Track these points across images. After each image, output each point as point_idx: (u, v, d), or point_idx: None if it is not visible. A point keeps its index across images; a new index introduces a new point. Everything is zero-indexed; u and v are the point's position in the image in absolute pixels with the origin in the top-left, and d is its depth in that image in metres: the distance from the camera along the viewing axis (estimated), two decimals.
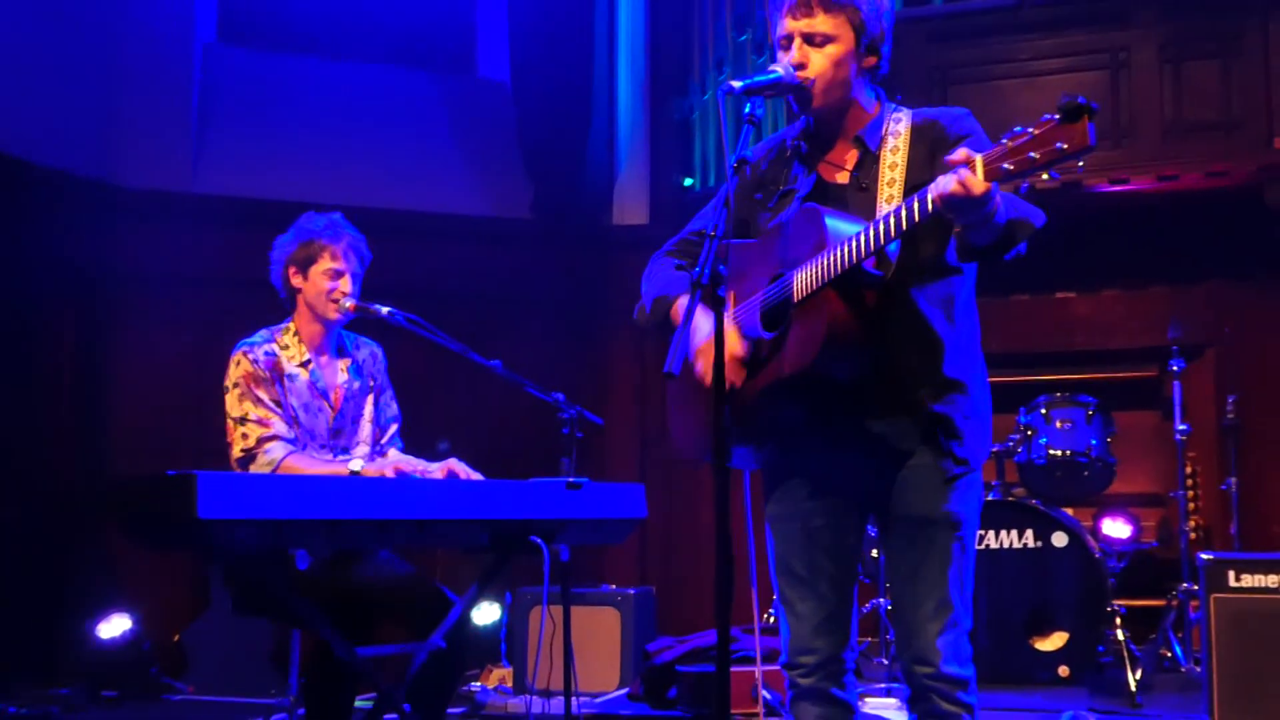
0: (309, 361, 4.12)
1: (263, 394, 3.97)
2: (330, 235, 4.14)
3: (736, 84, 2.77)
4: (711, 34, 7.93)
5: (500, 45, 8.49)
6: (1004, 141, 2.44)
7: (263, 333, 4.12)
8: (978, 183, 2.43)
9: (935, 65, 7.39)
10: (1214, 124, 7.07)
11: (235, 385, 3.99)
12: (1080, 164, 2.41)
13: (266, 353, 4.05)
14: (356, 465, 3.95)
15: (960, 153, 2.47)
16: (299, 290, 4.14)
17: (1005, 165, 2.43)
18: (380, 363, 4.35)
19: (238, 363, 4.02)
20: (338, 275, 4.11)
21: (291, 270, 4.13)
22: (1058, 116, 2.37)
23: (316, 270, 4.10)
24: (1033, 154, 2.40)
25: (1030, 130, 2.41)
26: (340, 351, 4.23)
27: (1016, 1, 7.37)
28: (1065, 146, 2.36)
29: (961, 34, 7.46)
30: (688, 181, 7.99)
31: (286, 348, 4.10)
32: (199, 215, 7.62)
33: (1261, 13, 6.99)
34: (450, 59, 8.61)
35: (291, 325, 4.16)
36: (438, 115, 8.40)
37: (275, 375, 4.02)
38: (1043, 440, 5.97)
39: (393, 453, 4.28)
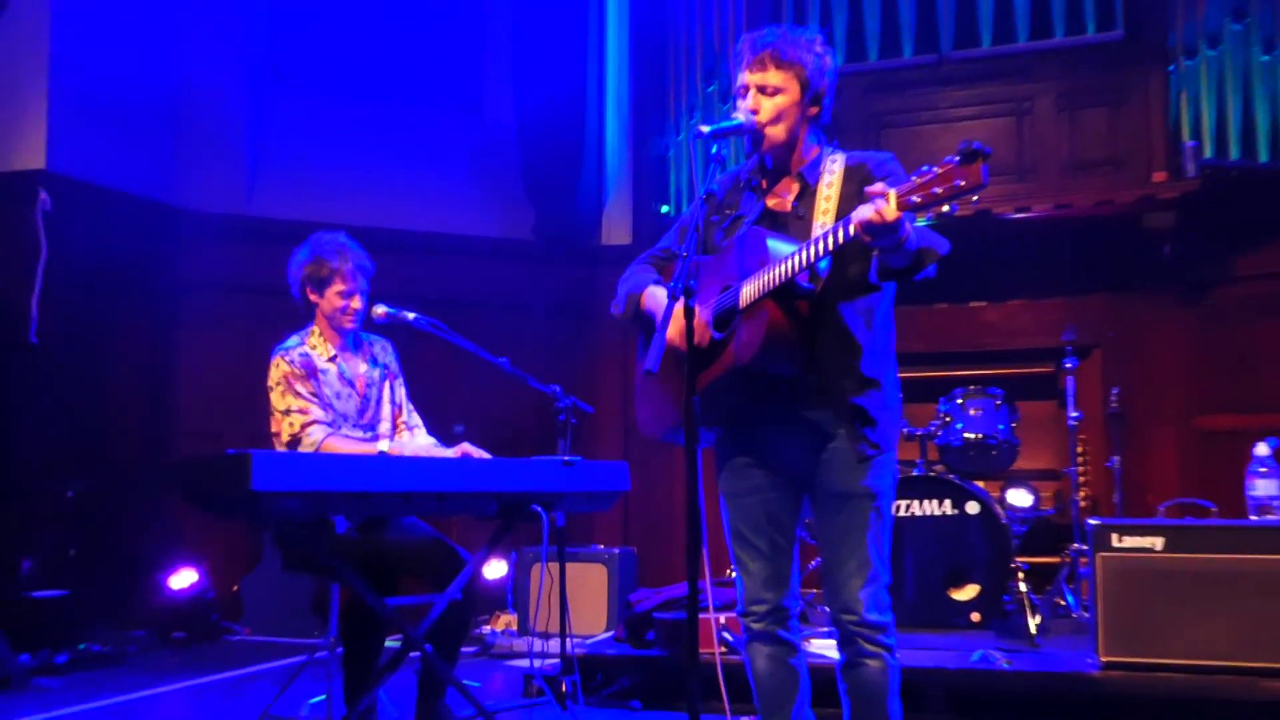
0: (335, 357, 4.16)
1: (301, 388, 3.99)
2: (338, 258, 4.14)
3: (705, 128, 2.80)
4: (685, 85, 7.94)
5: (506, 92, 8.48)
6: (913, 179, 2.48)
7: (294, 338, 4.15)
8: (891, 211, 2.48)
9: (871, 112, 7.42)
10: (1102, 162, 7.12)
11: (277, 384, 4.02)
12: (976, 199, 2.44)
13: (301, 354, 4.07)
14: (384, 445, 3.97)
15: (878, 186, 2.52)
16: (316, 304, 4.16)
17: (913, 198, 2.47)
18: (391, 353, 4.38)
19: (276, 365, 4.04)
20: (349, 295, 4.14)
21: (308, 289, 4.15)
22: (957, 159, 2.41)
23: (330, 292, 4.13)
24: (936, 190, 2.44)
25: (935, 170, 2.45)
26: (357, 347, 4.26)
27: (937, 59, 7.40)
28: (963, 184, 2.40)
29: (892, 86, 7.48)
30: (665, 208, 8.00)
31: (315, 347, 4.14)
32: (252, 235, 7.61)
33: (1142, 70, 7.03)
34: (464, 103, 8.60)
35: (315, 329, 4.19)
36: (454, 151, 8.40)
37: (310, 371, 4.05)
38: (959, 425, 6.00)
39: (422, 434, 4.30)
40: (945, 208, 2.45)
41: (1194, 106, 6.81)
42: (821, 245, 2.64)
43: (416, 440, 4.26)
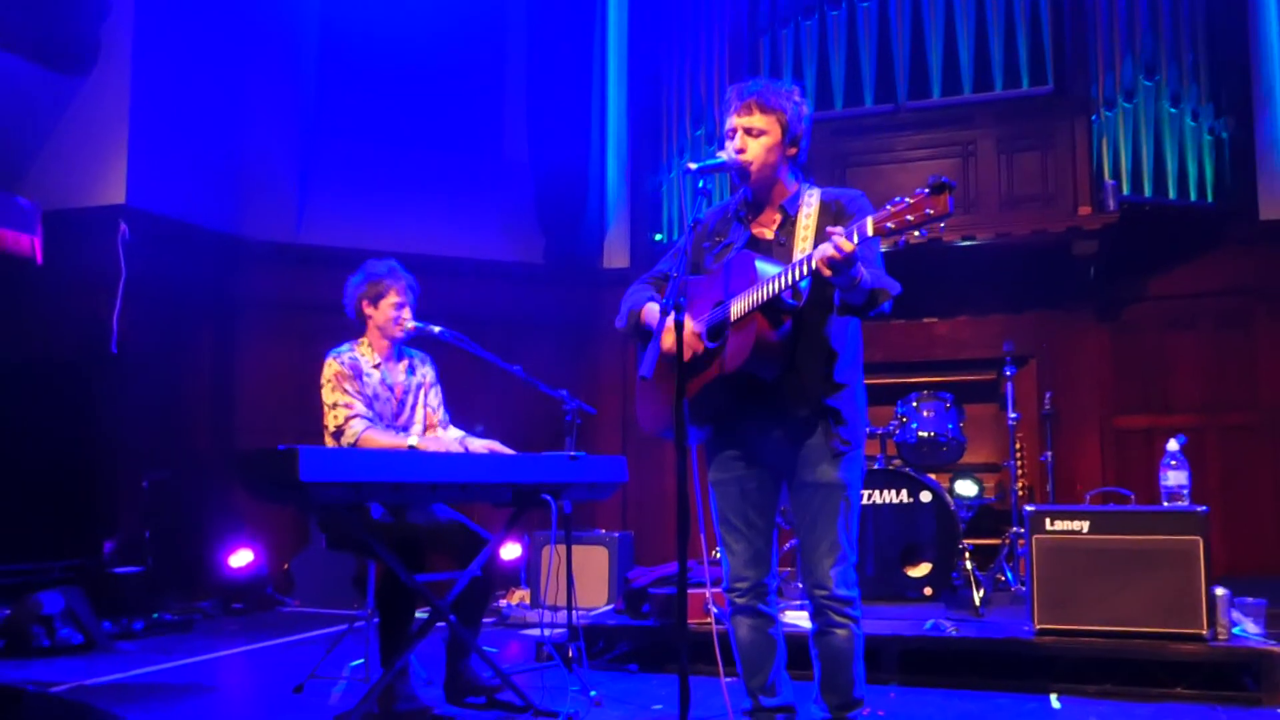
0: (379, 365, 4.15)
1: (348, 386, 4.00)
2: (393, 277, 4.19)
3: (693, 165, 2.79)
4: (676, 129, 7.93)
5: (521, 136, 8.47)
6: (888, 207, 2.47)
7: (346, 345, 4.16)
8: (846, 244, 2.48)
9: (837, 153, 7.40)
10: (1035, 197, 7.10)
11: (328, 381, 4.03)
12: (942, 225, 2.43)
13: (351, 358, 4.09)
14: (414, 440, 3.95)
15: (836, 229, 2.53)
16: (370, 316, 4.17)
17: (889, 224, 2.46)
18: (430, 365, 4.36)
19: (329, 365, 4.06)
20: (401, 306, 4.16)
21: (365, 303, 4.17)
22: (927, 190, 2.40)
23: (385, 303, 4.15)
24: (909, 217, 2.43)
25: (907, 200, 2.44)
26: (399, 358, 4.25)
27: (894, 108, 7.39)
28: (932, 212, 2.39)
29: (856, 130, 7.46)
30: (658, 236, 7.98)
31: (363, 355, 4.14)
32: (300, 260, 7.61)
33: (1069, 119, 7.02)
34: (484, 146, 8.58)
35: (365, 340, 4.19)
36: (475, 187, 8.37)
37: (356, 373, 4.06)
38: (914, 425, 5.98)
39: (453, 429, 4.28)
40: (916, 233, 2.44)
41: (1113, 150, 6.83)
42: (804, 268, 2.64)
43: (448, 434, 4.26)
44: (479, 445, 4.00)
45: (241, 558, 6.89)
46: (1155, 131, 6.78)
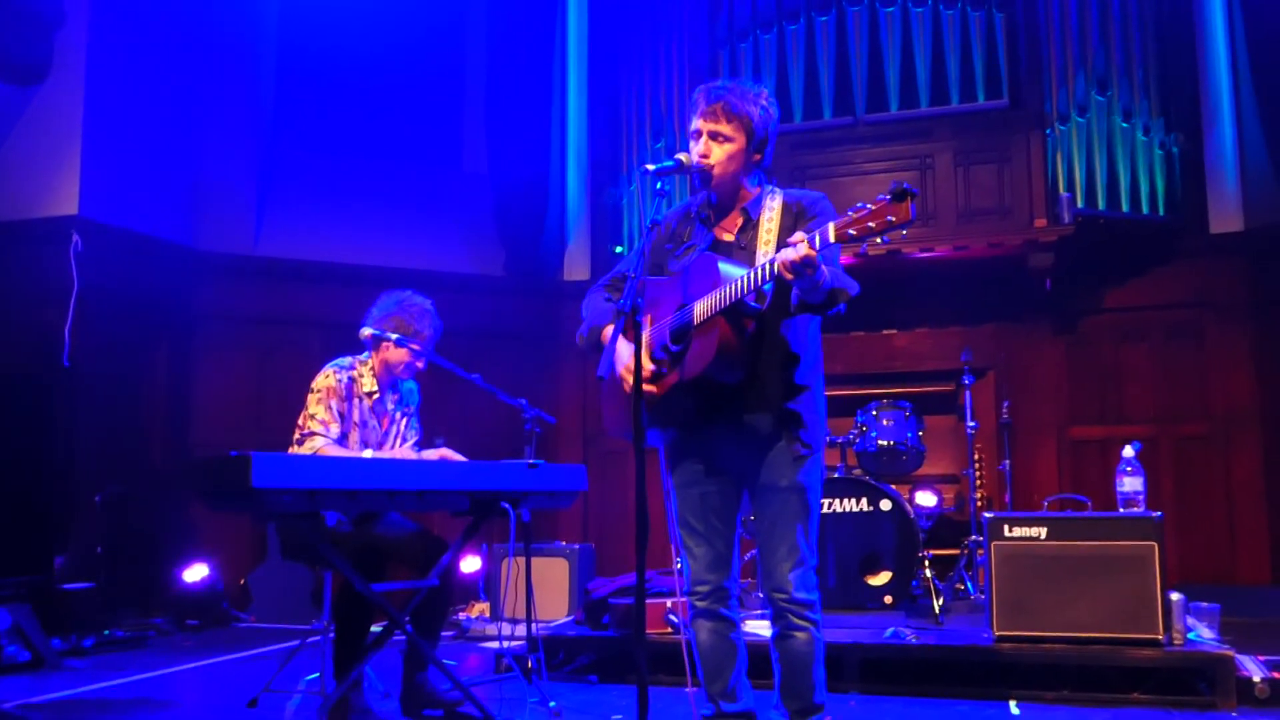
0: (374, 393, 4.07)
1: (333, 404, 3.94)
2: (425, 324, 4.09)
3: (651, 167, 2.78)
4: (636, 141, 7.92)
5: (481, 148, 8.44)
6: (849, 214, 2.46)
7: (349, 359, 4.07)
8: (807, 250, 2.46)
9: (796, 166, 7.43)
10: (992, 210, 7.17)
11: (318, 390, 3.96)
12: (904, 232, 2.43)
13: (349, 378, 4.01)
14: (368, 454, 3.88)
15: (798, 236, 2.51)
16: (385, 346, 4.05)
17: (850, 231, 2.45)
18: (416, 396, 4.29)
19: (326, 376, 3.98)
20: (418, 356, 4.06)
21: (388, 331, 4.04)
22: (888, 197, 2.39)
23: (409, 346, 4.04)
24: (871, 224, 2.42)
25: (869, 206, 2.43)
26: (394, 388, 4.18)
27: (853, 121, 7.43)
28: (894, 219, 2.38)
29: (815, 144, 7.50)
30: (618, 249, 7.96)
31: (362, 377, 4.05)
32: (257, 273, 7.53)
33: (1024, 132, 7.11)
34: (444, 158, 8.54)
35: (370, 362, 4.09)
36: (435, 199, 8.33)
37: (349, 395, 3.98)
38: (874, 434, 5.99)
39: (408, 446, 4.22)
40: (878, 240, 2.43)
41: (1068, 164, 6.91)
42: (765, 271, 2.62)
43: (404, 449, 4.18)
44: (431, 455, 3.95)
45: (196, 573, 6.77)
46: (1108, 146, 6.87)
